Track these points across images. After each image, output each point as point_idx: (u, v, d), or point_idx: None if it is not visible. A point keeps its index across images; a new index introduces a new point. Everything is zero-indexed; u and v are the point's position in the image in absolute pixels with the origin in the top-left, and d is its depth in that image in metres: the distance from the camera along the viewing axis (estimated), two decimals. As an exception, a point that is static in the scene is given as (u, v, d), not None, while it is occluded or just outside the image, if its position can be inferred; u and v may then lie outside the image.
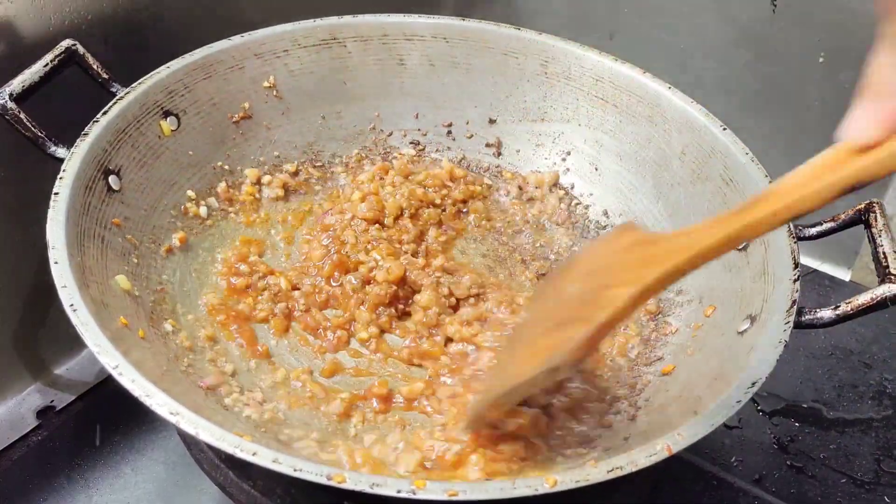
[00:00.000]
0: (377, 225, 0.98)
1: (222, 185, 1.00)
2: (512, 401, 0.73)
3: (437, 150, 1.12)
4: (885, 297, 0.73)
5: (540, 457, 0.75)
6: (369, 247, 0.95)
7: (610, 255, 0.67)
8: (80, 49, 0.89)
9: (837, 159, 0.56)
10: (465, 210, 1.06)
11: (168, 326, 0.84)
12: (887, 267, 0.75)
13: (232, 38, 1.01)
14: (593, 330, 0.62)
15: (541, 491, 0.60)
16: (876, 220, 0.80)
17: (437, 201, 1.04)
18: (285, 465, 0.60)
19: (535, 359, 0.66)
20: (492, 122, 1.11)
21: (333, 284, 0.93)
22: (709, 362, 0.80)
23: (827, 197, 0.57)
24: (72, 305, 0.69)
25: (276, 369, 0.86)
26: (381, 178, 1.05)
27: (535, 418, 0.77)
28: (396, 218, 0.99)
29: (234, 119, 1.02)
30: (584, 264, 0.69)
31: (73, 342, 0.97)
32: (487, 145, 1.12)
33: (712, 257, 0.61)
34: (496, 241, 1.04)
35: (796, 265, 0.79)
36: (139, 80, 0.92)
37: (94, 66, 0.90)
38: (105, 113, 0.87)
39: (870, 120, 0.55)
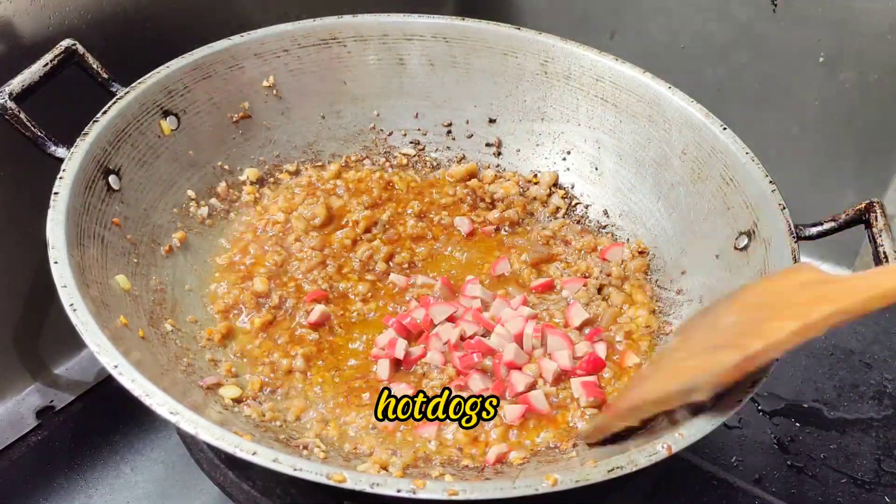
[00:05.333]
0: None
1: (222, 184, 1.00)
2: (638, 416, 0.71)
3: (436, 150, 1.12)
4: (886, 296, 0.73)
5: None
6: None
7: (779, 291, 0.66)
8: (80, 49, 0.88)
9: None
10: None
11: (168, 326, 0.84)
12: (887, 267, 0.75)
13: (232, 37, 1.01)
14: (744, 357, 0.62)
15: (541, 490, 0.60)
16: (876, 220, 0.80)
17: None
18: (285, 464, 0.60)
19: (677, 377, 0.66)
20: (492, 121, 1.11)
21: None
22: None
23: None
24: (72, 305, 0.69)
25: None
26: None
27: None
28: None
29: (234, 119, 1.02)
30: (749, 297, 0.69)
31: (73, 342, 0.97)
32: (487, 145, 1.12)
33: (885, 304, 0.59)
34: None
35: (796, 265, 0.79)
36: (139, 80, 0.92)
37: (94, 66, 0.90)
38: (105, 112, 0.87)
39: None
